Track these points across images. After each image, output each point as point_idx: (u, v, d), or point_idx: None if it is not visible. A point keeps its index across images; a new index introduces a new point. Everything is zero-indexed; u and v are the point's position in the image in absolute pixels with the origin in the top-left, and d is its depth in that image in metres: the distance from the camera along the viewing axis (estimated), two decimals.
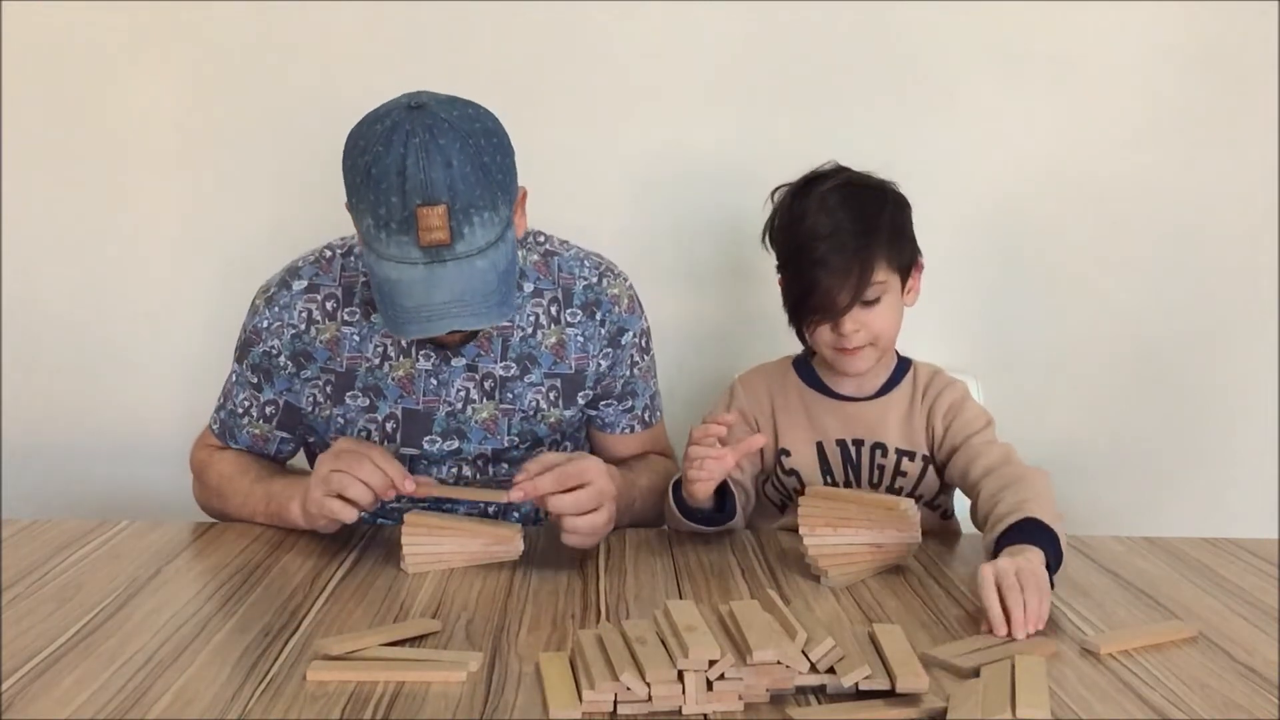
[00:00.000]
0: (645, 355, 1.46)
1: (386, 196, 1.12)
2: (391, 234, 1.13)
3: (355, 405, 1.36)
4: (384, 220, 1.13)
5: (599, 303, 1.40)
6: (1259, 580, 1.22)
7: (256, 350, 1.37)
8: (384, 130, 1.14)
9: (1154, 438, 1.93)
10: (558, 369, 1.38)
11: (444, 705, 0.89)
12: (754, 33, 1.81)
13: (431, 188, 1.11)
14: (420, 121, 1.13)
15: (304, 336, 1.35)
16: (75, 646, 1.00)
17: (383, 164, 1.12)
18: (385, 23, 1.79)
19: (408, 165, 1.11)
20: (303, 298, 1.36)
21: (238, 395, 1.41)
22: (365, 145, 1.15)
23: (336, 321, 1.35)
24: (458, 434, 1.37)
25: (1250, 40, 1.82)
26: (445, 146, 1.12)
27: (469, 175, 1.12)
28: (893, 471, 1.39)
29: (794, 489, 1.41)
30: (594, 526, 1.20)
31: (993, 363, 1.86)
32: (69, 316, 1.89)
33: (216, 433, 1.44)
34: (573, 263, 1.41)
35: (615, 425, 1.45)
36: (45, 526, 1.34)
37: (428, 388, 1.36)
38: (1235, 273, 1.88)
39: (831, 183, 1.36)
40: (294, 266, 1.39)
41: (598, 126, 1.83)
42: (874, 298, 1.33)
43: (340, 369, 1.36)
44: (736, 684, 0.88)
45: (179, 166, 1.85)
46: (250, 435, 1.42)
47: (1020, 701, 0.83)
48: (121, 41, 1.81)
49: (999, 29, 1.82)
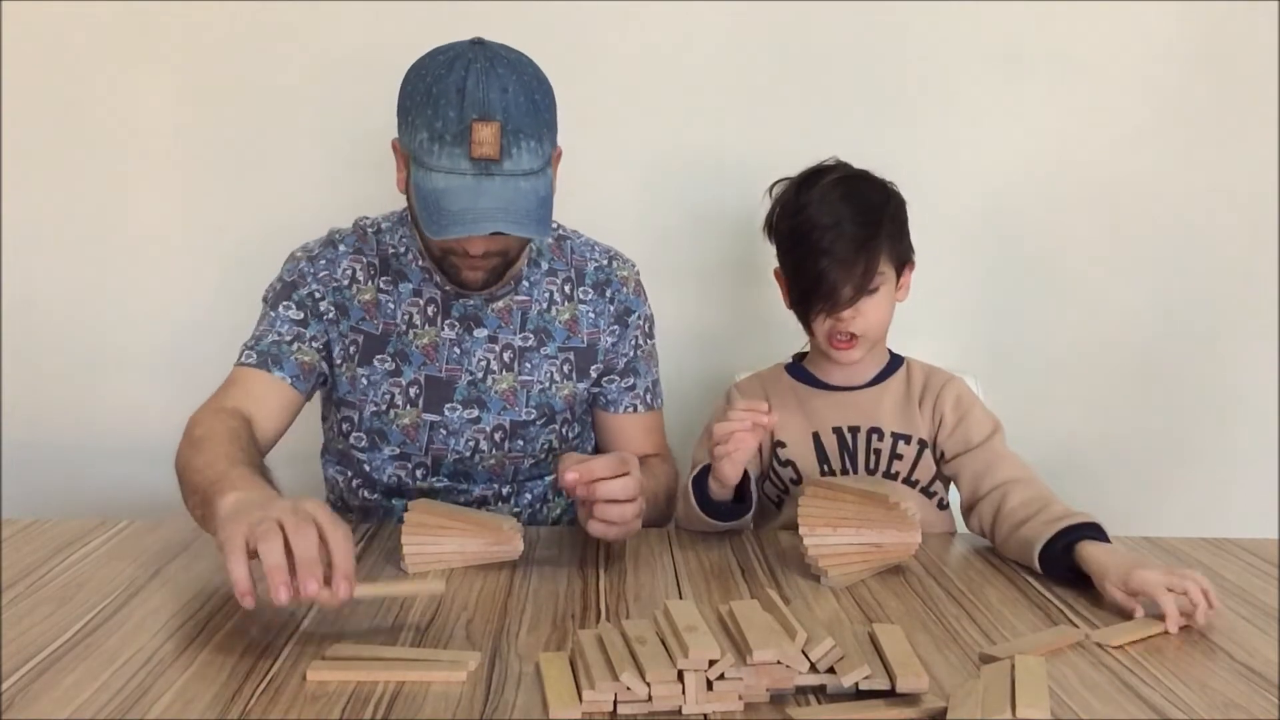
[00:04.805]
0: (648, 340, 1.51)
1: (444, 111, 1.20)
2: (445, 146, 1.20)
3: (382, 369, 1.40)
4: (439, 133, 1.20)
5: (609, 282, 1.47)
6: (1259, 580, 1.22)
7: (301, 291, 1.39)
8: (446, 58, 1.23)
9: (1154, 438, 1.93)
10: (571, 343, 1.44)
11: (444, 705, 0.89)
12: (756, 32, 1.81)
13: (488, 105, 1.19)
14: (481, 53, 1.23)
15: (345, 292, 1.40)
16: (75, 646, 1.00)
17: (444, 83, 1.20)
18: (385, 23, 1.79)
19: (468, 84, 1.19)
20: (348, 257, 1.41)
21: (281, 327, 1.38)
22: (427, 70, 1.23)
23: (375, 286, 1.41)
24: (478, 403, 1.41)
25: (1250, 40, 1.82)
26: (504, 75, 1.21)
27: (522, 104, 1.21)
28: (889, 455, 1.41)
29: (790, 480, 1.43)
30: (625, 516, 1.20)
31: (993, 363, 1.86)
32: (69, 316, 1.89)
33: (255, 364, 1.35)
34: (584, 247, 1.49)
35: (618, 404, 1.48)
36: (45, 526, 1.34)
37: (451, 356, 1.40)
38: (1235, 273, 1.88)
39: (834, 176, 1.40)
40: (336, 231, 1.45)
41: (599, 127, 1.83)
42: (875, 287, 1.36)
43: (374, 331, 1.40)
44: (736, 684, 0.88)
45: (179, 167, 1.85)
46: (298, 362, 1.36)
47: (1020, 701, 0.83)
48: (120, 41, 1.81)
49: (1000, 28, 1.82)
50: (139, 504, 1.89)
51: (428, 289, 1.41)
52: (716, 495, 1.31)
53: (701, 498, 1.32)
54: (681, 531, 1.38)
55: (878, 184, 1.41)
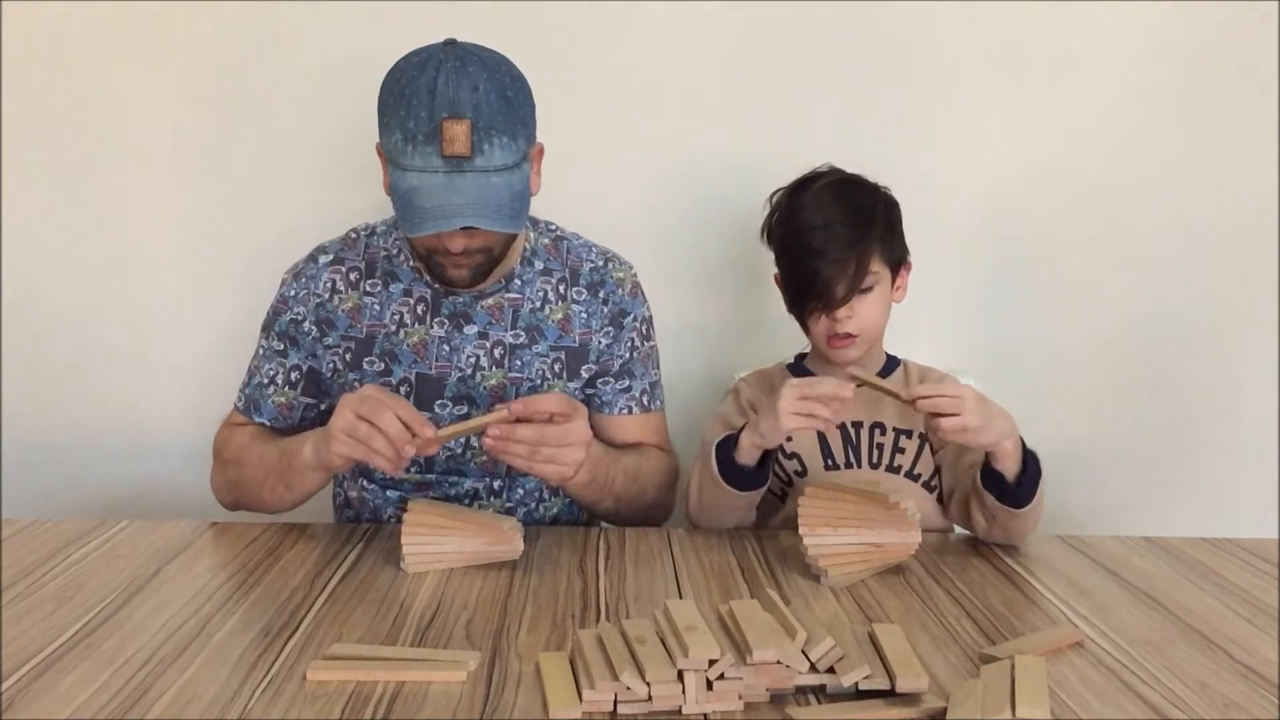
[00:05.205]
0: (646, 342, 1.49)
1: (416, 111, 1.21)
2: (417, 145, 1.21)
3: (372, 370, 1.41)
4: (411, 133, 1.22)
5: (603, 283, 1.46)
6: (1259, 580, 1.22)
7: (283, 319, 1.43)
8: (419, 60, 1.25)
9: (1154, 438, 1.93)
10: (563, 342, 1.44)
11: (444, 705, 0.89)
12: (758, 33, 1.81)
13: (458, 104, 1.21)
14: (453, 53, 1.24)
15: (327, 305, 1.42)
16: (75, 646, 1.00)
17: (415, 84, 1.22)
18: (387, 25, 1.79)
19: (438, 84, 1.21)
20: (328, 269, 1.43)
21: (264, 367, 1.45)
22: (400, 72, 1.25)
23: (359, 291, 1.43)
24: (468, 400, 1.42)
25: (1250, 40, 1.82)
26: (474, 74, 1.23)
27: (493, 101, 1.22)
28: (891, 449, 1.43)
29: (795, 472, 1.45)
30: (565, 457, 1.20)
31: (992, 363, 1.86)
32: (69, 316, 1.89)
33: (241, 409, 1.47)
34: (581, 248, 1.48)
35: (613, 405, 1.47)
36: (45, 526, 1.34)
37: (440, 353, 1.41)
38: (1235, 273, 1.88)
39: (825, 180, 1.43)
40: (320, 246, 1.47)
41: (601, 127, 1.83)
42: (868, 286, 1.39)
43: (360, 335, 1.42)
44: (736, 684, 0.88)
45: (179, 167, 1.85)
46: (275, 405, 1.44)
47: (1020, 701, 0.83)
48: (121, 41, 1.81)
49: (1000, 28, 1.82)
50: (139, 504, 1.89)
51: (418, 288, 1.41)
52: (746, 457, 1.32)
53: (722, 467, 1.33)
54: (682, 531, 1.38)
55: (869, 187, 1.44)
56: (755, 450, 1.32)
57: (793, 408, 1.26)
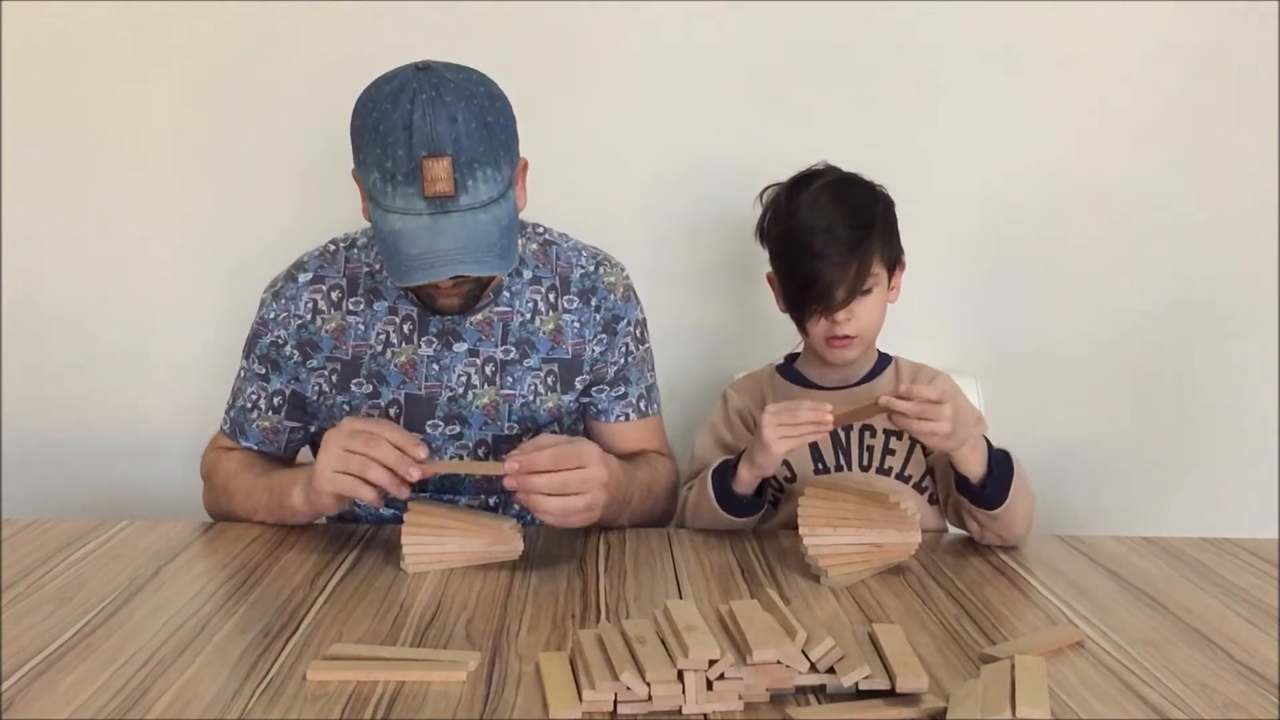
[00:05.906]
0: (640, 345, 1.47)
1: (393, 150, 1.15)
2: (398, 186, 1.16)
3: (360, 392, 1.38)
4: (390, 173, 1.16)
5: (595, 289, 1.42)
6: (1259, 580, 1.22)
7: (264, 341, 1.40)
8: (392, 90, 1.17)
9: (1154, 438, 1.93)
10: (555, 354, 1.41)
11: (444, 705, 0.89)
12: (757, 33, 1.81)
13: (437, 140, 1.14)
14: (427, 80, 1.17)
15: (310, 327, 1.38)
16: (75, 646, 1.00)
17: (390, 120, 1.15)
18: (386, 25, 1.79)
19: (414, 119, 1.15)
20: (308, 289, 1.39)
21: (246, 390, 1.43)
22: (373, 104, 1.18)
23: (341, 311, 1.38)
24: (459, 419, 1.39)
25: (1250, 40, 1.82)
26: (451, 104, 1.16)
27: (473, 131, 1.16)
28: (881, 451, 1.42)
29: (784, 478, 1.44)
30: (566, 509, 1.18)
31: (992, 363, 1.86)
32: (69, 316, 1.89)
33: (227, 432, 1.45)
34: (571, 253, 1.44)
35: (609, 413, 1.45)
36: (45, 526, 1.34)
37: (430, 373, 1.38)
38: (1235, 273, 1.88)
39: (824, 180, 1.42)
40: (299, 261, 1.42)
41: (599, 128, 1.83)
42: (868, 288, 1.38)
43: (346, 357, 1.38)
44: (736, 684, 0.88)
45: (179, 167, 1.85)
46: (259, 429, 1.42)
47: (1020, 701, 0.83)
48: (122, 41, 1.81)
49: (999, 28, 1.82)
50: (139, 504, 1.89)
51: (404, 306, 1.37)
52: (744, 487, 1.32)
53: (719, 494, 1.33)
54: (682, 531, 1.37)
55: (866, 186, 1.43)
56: (754, 480, 1.32)
57: (778, 434, 1.25)
